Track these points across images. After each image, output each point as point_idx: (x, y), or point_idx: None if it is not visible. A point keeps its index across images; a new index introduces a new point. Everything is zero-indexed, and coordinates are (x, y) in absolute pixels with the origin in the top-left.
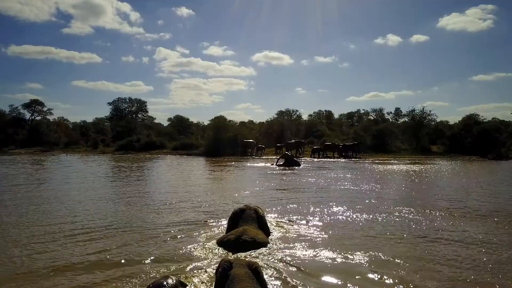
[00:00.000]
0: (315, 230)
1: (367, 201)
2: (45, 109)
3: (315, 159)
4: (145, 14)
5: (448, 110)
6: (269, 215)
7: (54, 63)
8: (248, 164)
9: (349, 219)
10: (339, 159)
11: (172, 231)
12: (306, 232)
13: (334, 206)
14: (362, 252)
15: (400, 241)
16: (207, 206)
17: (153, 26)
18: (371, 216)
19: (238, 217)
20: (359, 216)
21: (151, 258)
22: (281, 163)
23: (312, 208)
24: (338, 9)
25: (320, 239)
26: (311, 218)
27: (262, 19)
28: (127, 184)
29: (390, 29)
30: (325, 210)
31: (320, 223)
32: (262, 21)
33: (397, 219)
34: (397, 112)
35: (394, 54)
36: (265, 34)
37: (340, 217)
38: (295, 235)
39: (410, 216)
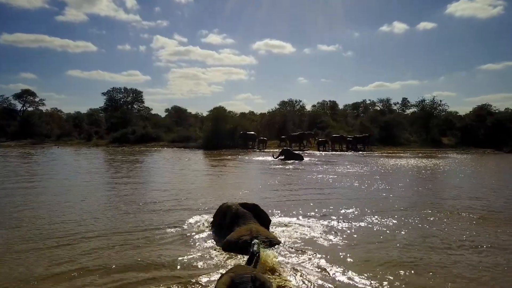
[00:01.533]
0: (324, 233)
1: (384, 201)
2: (37, 99)
3: (323, 153)
4: (141, 0)
5: (455, 101)
6: (271, 214)
7: (48, 52)
8: (249, 158)
9: (364, 222)
10: (346, 152)
11: (168, 234)
12: (315, 237)
13: (345, 207)
14: (384, 269)
15: (430, 253)
16: (205, 206)
17: (150, 13)
18: (391, 220)
19: (236, 215)
20: (377, 220)
21: (151, 265)
22: (282, 157)
23: (319, 208)
24: None
25: (329, 244)
26: (320, 219)
27: (263, 6)
28: (115, 181)
29: (396, 16)
30: (335, 211)
31: (329, 226)
32: (263, 8)
33: (422, 225)
34: (404, 102)
35: (400, 42)
36: (266, 22)
37: (352, 219)
38: (301, 240)
39: (436, 221)
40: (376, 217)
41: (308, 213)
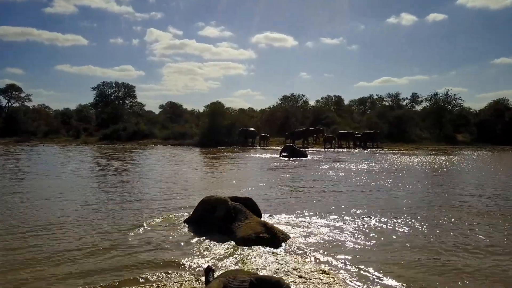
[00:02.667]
0: (335, 233)
1: (401, 201)
2: (23, 95)
3: (329, 150)
4: None
5: (467, 97)
6: (275, 213)
7: (35, 46)
8: (250, 156)
9: (381, 223)
10: (354, 150)
11: (153, 232)
12: (323, 236)
13: (357, 206)
14: None
15: (473, 256)
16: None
17: (143, 4)
18: (413, 221)
19: (234, 209)
20: (396, 220)
21: (135, 265)
22: (285, 154)
23: (327, 208)
24: None
25: (341, 244)
26: (328, 219)
27: None
28: (98, 180)
29: (404, 7)
30: (345, 210)
31: (340, 226)
32: None
33: (452, 225)
34: (414, 98)
35: (408, 35)
36: (267, 13)
37: (369, 219)
38: (308, 239)
39: (468, 221)
40: (393, 217)
41: (313, 212)
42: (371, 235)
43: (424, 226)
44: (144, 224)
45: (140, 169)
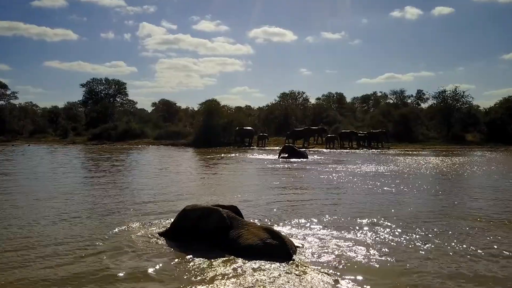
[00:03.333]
0: (339, 246)
1: (411, 209)
2: (8, 92)
3: (330, 150)
4: None
5: (474, 94)
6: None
7: (23, 41)
8: (247, 156)
9: (391, 234)
10: (357, 150)
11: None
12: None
13: (365, 215)
14: None
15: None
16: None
17: None
18: (427, 232)
19: (229, 217)
20: (405, 230)
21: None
22: (285, 155)
23: (330, 216)
24: None
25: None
26: (331, 229)
27: None
28: (82, 182)
29: (408, 0)
30: (350, 220)
31: (346, 237)
32: None
33: (472, 237)
34: (419, 95)
35: (413, 29)
36: (265, 7)
37: (387, 236)
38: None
39: (490, 232)
40: (407, 226)
41: (317, 220)
42: (386, 245)
43: (440, 235)
44: (119, 231)
45: (125, 171)
